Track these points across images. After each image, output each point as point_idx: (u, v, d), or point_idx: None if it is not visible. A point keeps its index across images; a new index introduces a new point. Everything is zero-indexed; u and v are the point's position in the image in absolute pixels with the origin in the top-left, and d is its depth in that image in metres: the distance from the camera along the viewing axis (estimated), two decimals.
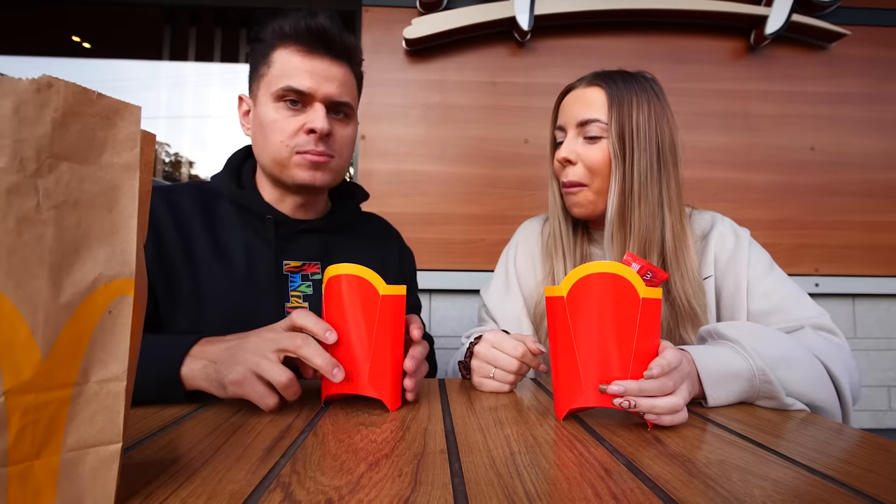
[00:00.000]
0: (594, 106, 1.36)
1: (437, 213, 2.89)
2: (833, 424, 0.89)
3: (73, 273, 0.46)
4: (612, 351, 0.83)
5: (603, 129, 1.34)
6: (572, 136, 1.39)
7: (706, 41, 3.05)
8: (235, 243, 1.30)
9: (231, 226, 1.32)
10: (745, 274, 1.33)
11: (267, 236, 1.32)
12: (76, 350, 0.46)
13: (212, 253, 1.27)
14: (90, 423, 0.48)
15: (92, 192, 0.47)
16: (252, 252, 1.31)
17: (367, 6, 2.93)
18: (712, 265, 1.37)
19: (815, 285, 2.95)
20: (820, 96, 3.07)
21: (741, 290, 1.32)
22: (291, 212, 1.39)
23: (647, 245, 1.33)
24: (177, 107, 3.79)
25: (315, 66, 1.27)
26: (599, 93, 1.37)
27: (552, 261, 1.48)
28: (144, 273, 0.54)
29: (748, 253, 1.35)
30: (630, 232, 1.34)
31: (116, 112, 0.48)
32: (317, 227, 1.40)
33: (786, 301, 1.29)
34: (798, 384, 1.01)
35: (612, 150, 1.33)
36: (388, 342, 0.91)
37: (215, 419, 0.84)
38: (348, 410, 0.91)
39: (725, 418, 0.91)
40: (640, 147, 1.32)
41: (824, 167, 3.04)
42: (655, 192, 1.33)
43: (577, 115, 1.37)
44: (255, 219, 1.34)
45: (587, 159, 1.36)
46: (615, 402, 0.82)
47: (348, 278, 0.91)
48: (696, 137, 3.00)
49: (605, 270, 0.84)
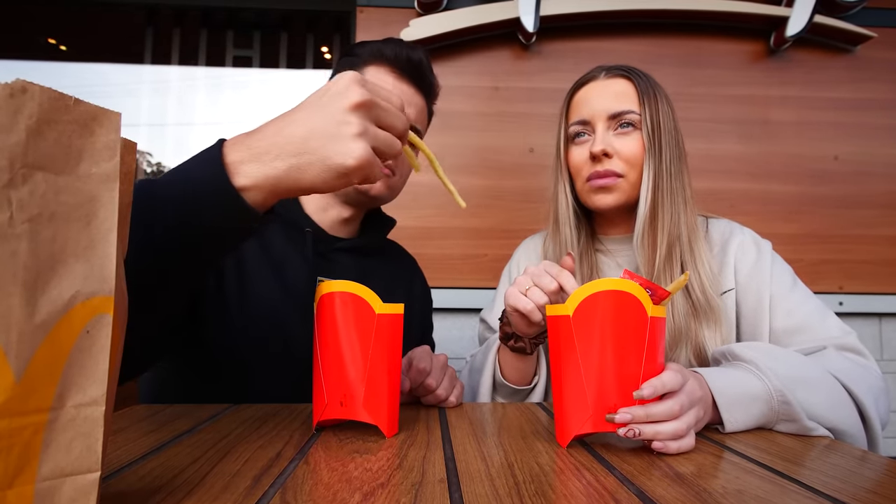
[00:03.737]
0: (626, 97, 1.39)
1: (436, 226, 2.89)
2: (857, 452, 0.89)
3: (48, 290, 0.45)
4: (621, 373, 0.83)
5: (636, 121, 1.38)
6: (603, 128, 1.40)
7: (723, 44, 3.05)
8: (275, 253, 1.33)
9: (271, 235, 1.35)
10: (767, 289, 1.33)
11: (305, 251, 1.35)
12: (52, 372, 0.46)
13: (258, 258, 1.30)
14: (67, 450, 0.47)
15: (69, 205, 0.47)
16: (289, 265, 1.33)
17: (362, 6, 2.94)
18: (732, 277, 1.38)
19: (839, 304, 2.93)
20: (844, 102, 3.06)
21: (763, 306, 1.32)
22: (331, 226, 1.42)
23: (672, 243, 1.35)
24: (159, 113, 3.80)
25: (403, 88, 1.39)
26: (627, 84, 1.41)
27: None
28: (125, 290, 0.54)
29: (771, 266, 1.36)
30: (660, 229, 1.36)
31: (95, 119, 0.48)
32: (354, 247, 1.45)
33: (811, 319, 1.29)
34: (818, 406, 1.01)
35: (646, 142, 1.35)
36: (384, 364, 0.91)
37: (201, 445, 0.84)
38: (342, 437, 0.91)
39: (743, 445, 0.90)
40: (666, 140, 1.36)
41: (848, 178, 3.02)
42: (679, 187, 1.36)
43: (609, 107, 1.39)
44: (293, 230, 1.37)
45: (624, 152, 1.38)
46: (620, 432, 0.82)
47: (342, 296, 0.91)
48: (712, 146, 3.00)
49: (614, 288, 0.84)
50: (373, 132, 0.81)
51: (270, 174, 0.79)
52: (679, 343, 1.32)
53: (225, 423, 0.95)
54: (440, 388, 1.16)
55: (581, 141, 1.44)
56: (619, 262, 1.49)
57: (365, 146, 0.79)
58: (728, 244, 1.41)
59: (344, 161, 0.78)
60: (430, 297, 1.74)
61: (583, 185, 1.44)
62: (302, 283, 1.32)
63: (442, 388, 1.16)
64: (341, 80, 0.81)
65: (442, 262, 2.87)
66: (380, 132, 0.83)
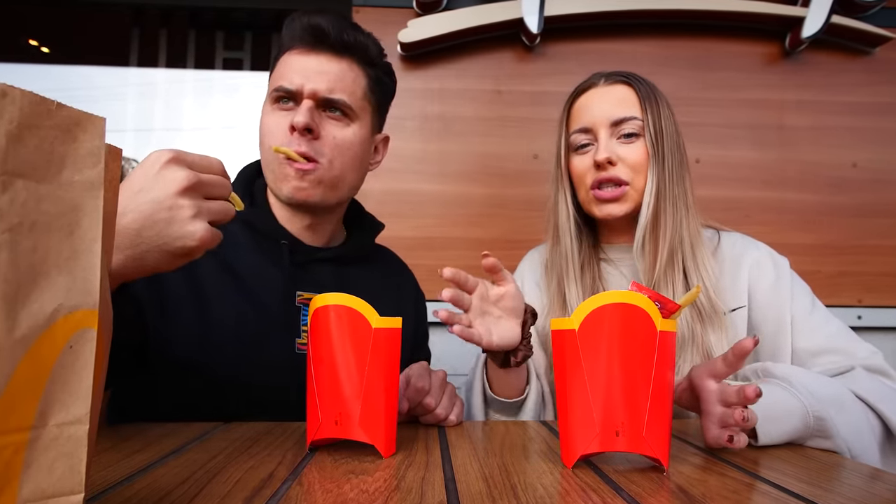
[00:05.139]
0: (628, 103, 1.41)
1: (436, 236, 2.88)
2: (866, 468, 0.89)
3: (29, 304, 0.45)
4: (629, 389, 0.83)
5: (639, 127, 1.40)
6: (606, 135, 1.41)
7: (735, 45, 3.05)
8: (245, 266, 1.31)
9: (240, 247, 1.32)
10: (788, 309, 1.34)
11: (280, 262, 1.33)
12: (33, 390, 0.45)
13: (218, 273, 1.27)
14: (49, 471, 0.47)
15: (51, 214, 0.46)
16: (262, 278, 1.31)
17: (358, 6, 2.95)
18: (745, 295, 1.38)
19: (858, 317, 2.92)
20: (862, 107, 3.05)
21: (784, 326, 1.33)
22: (300, 233, 1.39)
23: (674, 251, 1.37)
24: (146, 118, 3.80)
25: (309, 62, 1.30)
26: (628, 90, 1.43)
27: (563, 286, 1.49)
28: (109, 304, 0.54)
29: (791, 286, 1.37)
30: (662, 236, 1.38)
31: (78, 124, 0.48)
32: (333, 257, 1.42)
33: (835, 340, 1.30)
34: (846, 429, 1.03)
35: (650, 149, 1.37)
36: (381, 381, 0.91)
37: (189, 466, 0.84)
38: (336, 457, 0.91)
39: (752, 464, 0.90)
40: (668, 146, 1.38)
41: (867, 185, 3.02)
42: (681, 193, 1.38)
43: (611, 114, 1.41)
44: (267, 241, 1.34)
45: (628, 159, 1.40)
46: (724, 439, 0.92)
47: (337, 309, 0.91)
48: (724, 152, 2.99)
49: (621, 301, 0.84)
50: (206, 207, 0.86)
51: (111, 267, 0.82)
52: (685, 349, 1.33)
53: (214, 443, 0.95)
54: (440, 406, 1.15)
55: (583, 150, 1.45)
56: (623, 272, 1.50)
57: (203, 224, 0.84)
58: (741, 259, 1.42)
59: (185, 244, 0.83)
60: (424, 304, 1.72)
61: (586, 193, 1.45)
62: (276, 296, 1.31)
63: (441, 407, 1.15)
64: (157, 162, 0.85)
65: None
66: (212, 205, 0.88)
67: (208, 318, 1.24)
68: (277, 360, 1.23)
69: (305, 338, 1.31)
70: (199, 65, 3.78)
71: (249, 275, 1.31)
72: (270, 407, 1.24)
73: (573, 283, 1.47)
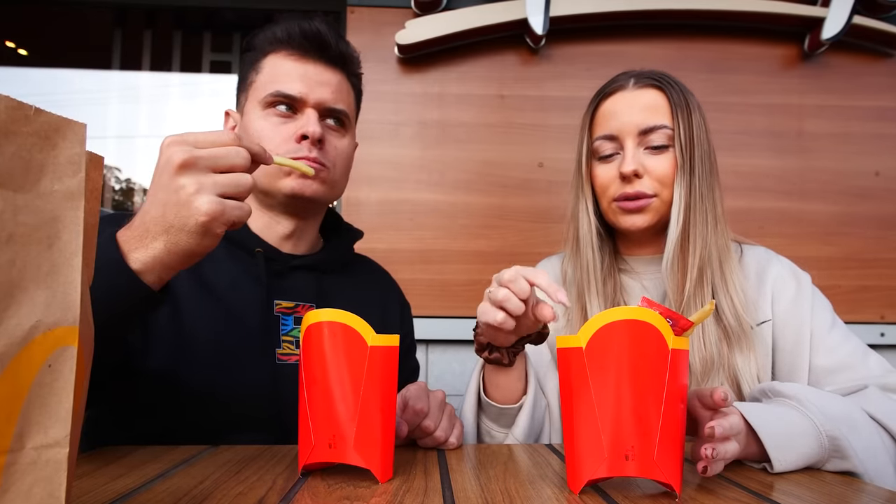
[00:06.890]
0: (658, 111, 1.39)
1: (435, 249, 2.88)
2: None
3: (6, 320, 0.45)
4: (640, 411, 0.82)
5: (669, 137, 1.38)
6: (632, 145, 1.40)
7: (752, 47, 3.05)
8: (219, 277, 1.32)
9: (214, 257, 1.31)
10: (808, 325, 1.34)
11: (256, 272, 1.34)
12: (9, 411, 0.45)
13: (192, 286, 1.29)
14: (26, 497, 0.47)
15: (29, 225, 0.47)
16: (239, 288, 1.32)
17: (353, 6, 2.95)
18: (769, 309, 1.39)
19: (881, 335, 2.92)
20: (886, 112, 3.05)
21: (803, 342, 1.34)
22: (280, 242, 1.41)
23: (703, 266, 1.36)
24: (129, 124, 3.80)
25: (308, 70, 1.34)
26: (659, 95, 1.41)
27: (583, 299, 1.48)
28: (91, 320, 0.54)
29: (812, 301, 1.37)
30: (691, 252, 1.37)
31: (57, 130, 0.49)
32: (311, 265, 1.42)
33: (853, 358, 1.31)
34: (860, 447, 1.03)
35: (679, 160, 1.36)
36: (377, 402, 0.90)
37: (174, 492, 0.84)
38: (330, 482, 0.91)
39: (765, 487, 0.90)
40: (698, 156, 1.37)
41: (891, 195, 3.02)
42: (710, 206, 1.37)
43: (640, 122, 1.39)
44: (241, 251, 1.36)
45: (656, 171, 1.39)
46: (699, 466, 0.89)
47: (331, 326, 0.90)
48: (741, 160, 2.99)
49: (631, 317, 0.84)
50: (211, 181, 0.89)
51: (156, 255, 0.90)
52: (711, 371, 1.33)
53: (201, 467, 0.95)
54: (439, 429, 1.15)
55: (608, 159, 1.44)
56: (645, 285, 1.49)
57: (208, 198, 0.88)
58: (765, 273, 1.42)
59: (196, 220, 0.88)
60: (409, 314, 1.73)
61: (609, 204, 1.44)
62: (254, 306, 1.32)
63: (441, 430, 1.15)
64: (161, 147, 0.92)
65: (441, 289, 2.86)
66: (219, 177, 0.91)
67: (185, 330, 1.25)
68: (258, 372, 1.24)
69: (286, 348, 1.33)
70: (186, 68, 3.79)
71: (225, 286, 1.32)
72: (252, 420, 1.25)
73: (595, 297, 1.46)
